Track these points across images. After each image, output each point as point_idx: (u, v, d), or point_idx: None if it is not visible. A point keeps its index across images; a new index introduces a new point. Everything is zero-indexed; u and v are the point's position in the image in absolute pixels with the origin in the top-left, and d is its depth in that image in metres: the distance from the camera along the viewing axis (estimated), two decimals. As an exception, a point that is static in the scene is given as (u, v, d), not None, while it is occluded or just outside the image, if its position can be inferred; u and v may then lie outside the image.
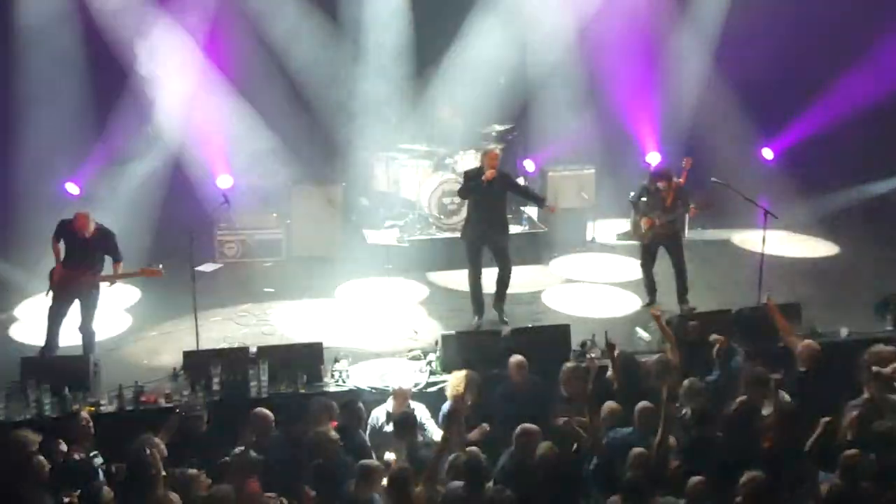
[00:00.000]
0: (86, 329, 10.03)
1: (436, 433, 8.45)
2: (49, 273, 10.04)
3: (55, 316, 10.04)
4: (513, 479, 7.39)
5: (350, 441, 8.06)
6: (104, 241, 10.02)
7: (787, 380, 8.69)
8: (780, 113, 15.62)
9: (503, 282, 11.24)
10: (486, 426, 8.57)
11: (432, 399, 9.11)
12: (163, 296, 11.71)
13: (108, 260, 10.12)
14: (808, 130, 15.54)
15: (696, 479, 7.03)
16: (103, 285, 10.07)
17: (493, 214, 11.06)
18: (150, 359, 10.40)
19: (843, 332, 10.45)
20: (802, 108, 15.57)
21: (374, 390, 9.38)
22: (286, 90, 14.19)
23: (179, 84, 13.54)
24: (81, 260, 9.96)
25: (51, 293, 10.02)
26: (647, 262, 11.63)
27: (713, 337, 9.25)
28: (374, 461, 7.49)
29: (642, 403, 7.91)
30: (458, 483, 7.15)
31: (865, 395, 8.26)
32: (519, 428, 7.72)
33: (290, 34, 14.13)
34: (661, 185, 11.28)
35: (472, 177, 11.12)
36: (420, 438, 8.31)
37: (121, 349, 10.67)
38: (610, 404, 8.16)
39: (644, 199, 11.51)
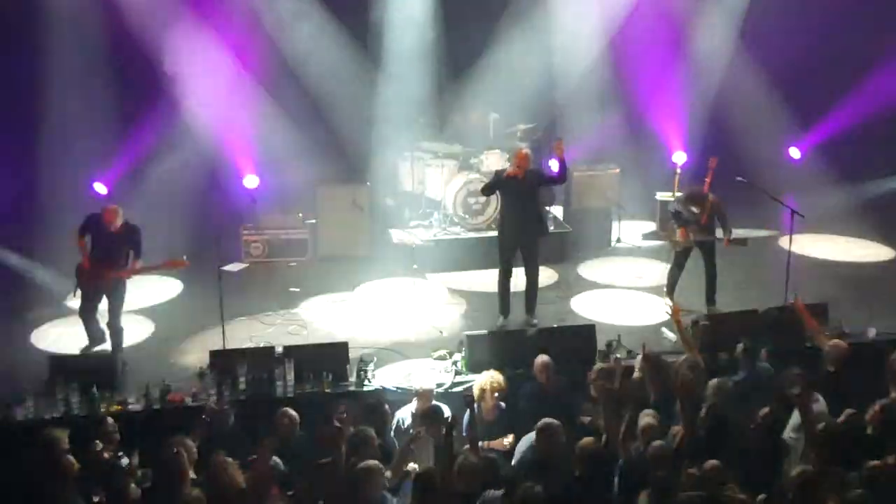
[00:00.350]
0: (113, 325, 10.10)
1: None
2: (75, 270, 10.13)
3: (88, 313, 10.14)
4: (535, 473, 7.37)
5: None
6: (130, 237, 10.10)
7: (815, 379, 8.65)
8: (807, 112, 15.53)
9: (531, 288, 11.22)
10: (511, 438, 8.55)
11: (457, 400, 9.09)
12: (189, 295, 11.78)
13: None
14: (836, 128, 15.45)
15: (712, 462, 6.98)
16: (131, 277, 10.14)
17: (524, 213, 11.01)
18: (177, 358, 10.45)
19: (871, 332, 10.38)
20: (831, 107, 15.47)
21: (399, 390, 9.39)
22: (313, 90, 14.23)
23: (206, 83, 13.62)
24: (107, 254, 10.05)
25: (78, 291, 10.10)
26: (677, 268, 11.57)
27: None
28: (374, 462, 7.45)
29: (645, 420, 7.83)
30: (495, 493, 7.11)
31: (893, 396, 8.21)
32: (541, 422, 7.72)
33: (318, 35, 14.19)
34: (695, 209, 11.18)
35: (498, 175, 11.14)
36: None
37: (148, 348, 10.72)
38: (647, 418, 8.06)
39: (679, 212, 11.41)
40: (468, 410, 8.12)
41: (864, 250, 13.70)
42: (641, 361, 8.88)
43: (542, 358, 9.06)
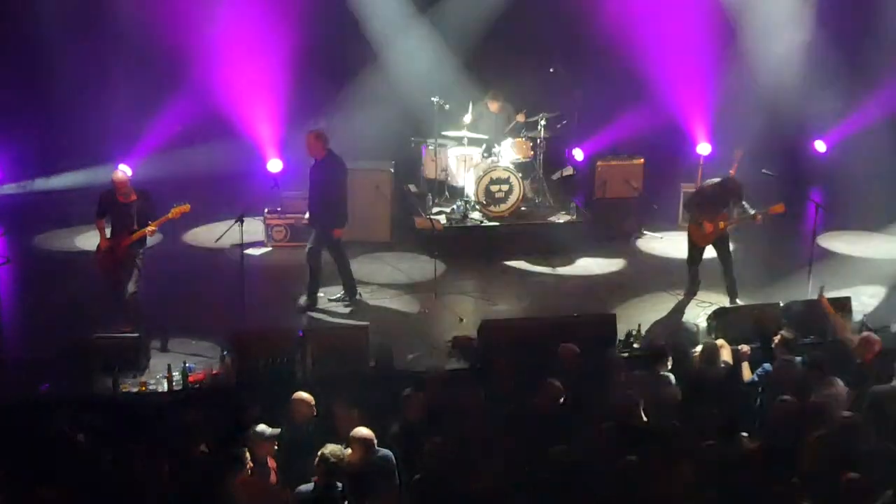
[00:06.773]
0: (130, 296, 10.16)
1: None
2: (94, 254, 10.28)
3: (119, 294, 10.22)
4: None
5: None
6: (144, 204, 10.27)
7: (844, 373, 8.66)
8: (834, 104, 15.39)
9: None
10: None
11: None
12: (212, 278, 11.84)
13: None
14: (862, 123, 15.32)
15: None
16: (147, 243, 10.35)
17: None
18: (199, 339, 10.47)
19: (894, 326, 10.33)
20: (857, 101, 15.31)
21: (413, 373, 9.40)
22: (337, 75, 14.24)
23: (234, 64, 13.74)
24: (126, 226, 10.19)
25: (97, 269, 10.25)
26: (696, 260, 11.51)
27: None
28: None
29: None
30: None
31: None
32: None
33: (345, 22, 14.25)
34: (735, 199, 11.03)
35: None
36: None
37: (170, 329, 10.73)
38: None
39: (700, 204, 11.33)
40: None
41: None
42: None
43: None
